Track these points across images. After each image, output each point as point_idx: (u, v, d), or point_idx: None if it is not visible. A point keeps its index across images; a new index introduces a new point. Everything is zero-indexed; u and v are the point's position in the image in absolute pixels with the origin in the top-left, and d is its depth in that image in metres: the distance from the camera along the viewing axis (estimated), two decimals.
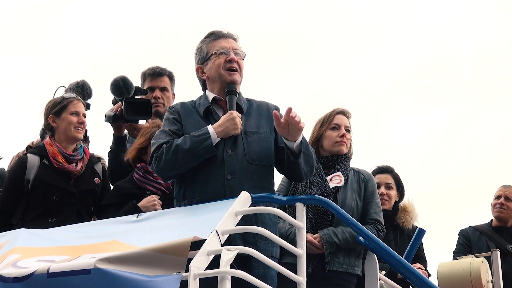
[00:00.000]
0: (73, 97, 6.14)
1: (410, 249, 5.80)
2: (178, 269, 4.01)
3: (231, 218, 4.49)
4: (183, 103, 5.35)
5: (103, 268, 3.96)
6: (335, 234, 5.73)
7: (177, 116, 5.26)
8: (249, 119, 5.20)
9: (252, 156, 5.06)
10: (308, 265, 5.60)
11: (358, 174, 6.07)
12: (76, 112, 6.06)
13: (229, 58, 5.21)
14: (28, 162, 5.97)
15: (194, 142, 4.98)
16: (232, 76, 5.21)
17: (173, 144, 5.03)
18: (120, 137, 6.61)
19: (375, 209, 5.97)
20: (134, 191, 5.96)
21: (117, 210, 5.81)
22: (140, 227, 4.82)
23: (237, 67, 5.23)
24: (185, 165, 5.03)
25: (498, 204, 8.13)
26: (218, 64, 5.23)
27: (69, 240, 4.77)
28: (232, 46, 5.27)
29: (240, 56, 5.27)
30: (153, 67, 7.03)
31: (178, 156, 4.99)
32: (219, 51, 5.24)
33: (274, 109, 5.28)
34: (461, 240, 8.04)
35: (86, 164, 6.08)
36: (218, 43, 5.28)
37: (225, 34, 5.32)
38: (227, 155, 5.03)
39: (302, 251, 4.63)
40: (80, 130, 6.05)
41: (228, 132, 5.00)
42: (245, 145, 5.08)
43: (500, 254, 7.20)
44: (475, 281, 6.44)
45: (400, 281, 6.21)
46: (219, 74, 5.23)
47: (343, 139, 6.07)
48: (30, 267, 4.16)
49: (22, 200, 5.92)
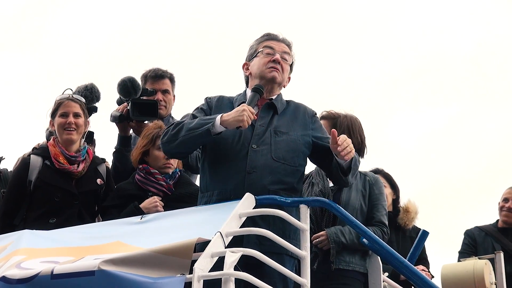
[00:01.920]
0: (64, 97, 6.10)
1: (414, 251, 5.79)
2: (182, 271, 4.01)
3: (235, 220, 4.49)
4: (221, 96, 5.36)
5: (107, 269, 3.96)
6: (342, 234, 5.72)
7: (207, 108, 5.28)
8: (281, 119, 5.21)
9: (278, 155, 5.06)
10: (314, 262, 5.62)
11: (365, 177, 6.06)
12: (64, 113, 6.02)
13: (274, 58, 5.23)
14: (30, 163, 5.98)
15: (198, 123, 5.00)
16: (273, 73, 5.23)
17: (182, 122, 5.09)
18: (125, 137, 6.62)
19: (381, 211, 5.96)
20: (135, 192, 5.95)
21: (119, 211, 5.81)
22: (144, 228, 4.81)
23: (280, 68, 5.24)
24: (184, 144, 5.04)
25: (506, 208, 8.04)
26: (263, 62, 5.25)
27: (73, 241, 4.77)
28: (282, 49, 5.30)
29: (286, 61, 5.29)
30: (155, 69, 7.02)
31: (180, 133, 5.02)
32: (266, 50, 5.27)
33: (311, 114, 5.32)
34: (466, 240, 7.99)
35: (88, 165, 6.05)
36: (269, 43, 5.32)
37: (278, 38, 5.36)
38: (252, 150, 5.04)
39: (306, 253, 4.64)
40: (69, 131, 6.00)
41: (232, 123, 4.94)
42: (273, 143, 5.08)
43: (504, 256, 7.18)
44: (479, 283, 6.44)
45: (403, 282, 6.21)
46: (260, 71, 5.25)
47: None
48: (34, 269, 4.16)
49: (24, 201, 5.92)
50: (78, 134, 6.04)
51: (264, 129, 5.10)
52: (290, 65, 5.35)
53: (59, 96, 6.17)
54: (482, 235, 7.94)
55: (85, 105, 6.19)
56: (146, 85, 6.90)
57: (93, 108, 6.47)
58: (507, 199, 8.10)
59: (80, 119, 6.05)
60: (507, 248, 7.56)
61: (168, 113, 6.93)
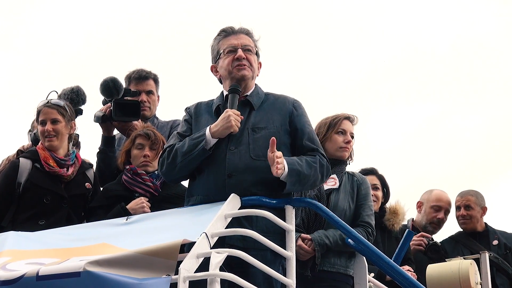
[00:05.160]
0: (42, 105, 6.09)
1: (399, 251, 5.81)
2: (168, 271, 4.02)
3: (220, 221, 4.50)
4: (198, 103, 5.35)
5: (93, 270, 3.97)
6: (326, 237, 5.73)
7: (188, 117, 5.28)
8: (259, 114, 5.16)
9: (258, 153, 5.00)
10: (306, 269, 5.63)
11: (352, 177, 6.08)
12: (43, 121, 6.03)
13: (237, 56, 5.20)
14: (20, 165, 5.98)
15: (190, 145, 4.99)
16: (241, 71, 5.19)
17: (173, 147, 5.06)
18: (109, 138, 6.60)
19: (367, 212, 5.97)
20: (122, 193, 5.97)
21: (105, 212, 5.82)
22: (130, 229, 4.82)
23: (247, 63, 5.21)
24: (185, 168, 5.04)
25: (461, 216, 7.89)
26: (228, 62, 5.21)
27: (59, 243, 4.77)
28: (242, 42, 5.24)
29: (250, 51, 5.25)
30: (138, 70, 7.01)
31: (177, 160, 5.02)
32: (227, 50, 5.23)
33: (292, 102, 5.24)
34: None
35: (77, 170, 6.08)
36: (227, 40, 5.27)
37: (235, 30, 5.30)
38: (230, 153, 5.00)
39: (291, 254, 4.65)
40: (49, 138, 5.99)
41: (223, 132, 4.97)
42: (251, 142, 5.04)
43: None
44: (464, 283, 6.45)
45: (389, 283, 6.22)
46: (228, 72, 5.21)
47: (348, 145, 6.09)
48: (19, 270, 4.15)
49: (13, 203, 5.91)
50: (59, 140, 6.02)
51: (241, 129, 5.04)
52: (257, 52, 5.30)
53: (40, 101, 6.17)
54: (452, 244, 7.83)
55: (66, 108, 6.12)
56: (130, 86, 6.88)
57: (78, 111, 6.43)
58: (459, 207, 7.94)
59: (59, 125, 6.02)
60: (475, 252, 7.43)
61: (152, 114, 6.93)
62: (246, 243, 4.69)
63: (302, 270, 5.54)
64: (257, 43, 5.33)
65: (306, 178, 4.97)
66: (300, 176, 4.93)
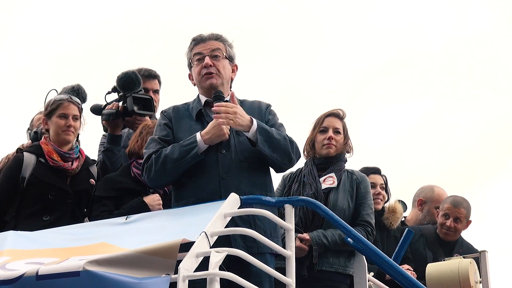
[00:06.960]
0: (64, 99, 6.11)
1: (399, 250, 5.81)
2: (167, 271, 4.02)
3: (220, 220, 4.50)
4: (176, 106, 5.40)
5: (92, 270, 3.96)
6: (324, 236, 5.74)
7: (168, 121, 5.31)
8: None
9: (245, 154, 5.11)
10: (302, 269, 5.63)
11: (352, 175, 6.09)
12: (64, 115, 6.04)
13: (204, 64, 5.25)
14: (24, 160, 5.98)
15: (182, 151, 5.04)
16: (208, 81, 5.26)
17: (161, 154, 5.09)
18: (116, 136, 6.57)
19: (367, 210, 5.98)
20: (133, 186, 5.90)
21: (113, 203, 5.79)
22: (129, 229, 4.82)
23: (214, 70, 5.25)
24: (174, 174, 5.10)
25: (446, 227, 7.33)
26: (197, 71, 5.30)
27: (58, 242, 4.77)
28: (209, 48, 5.30)
29: (218, 57, 5.28)
30: (147, 68, 7.02)
31: (167, 167, 5.06)
32: (195, 58, 5.31)
33: (266, 107, 5.36)
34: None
35: (82, 164, 6.08)
36: (196, 49, 5.34)
37: (204, 38, 5.35)
38: (221, 155, 5.09)
39: (291, 253, 4.64)
40: (69, 133, 6.02)
41: (215, 139, 5.06)
42: (237, 145, 5.13)
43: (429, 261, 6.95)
44: (464, 282, 6.45)
45: (388, 282, 6.22)
46: (198, 82, 5.32)
47: (331, 141, 6.10)
48: (19, 270, 4.15)
49: (16, 198, 5.90)
50: (74, 137, 6.09)
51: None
52: (229, 56, 5.34)
53: (57, 96, 6.18)
54: (421, 242, 7.34)
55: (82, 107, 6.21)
56: None
57: None
58: (447, 215, 7.37)
59: (77, 122, 6.10)
60: (437, 258, 7.14)
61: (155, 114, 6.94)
62: (249, 249, 4.73)
63: (299, 269, 5.55)
64: (230, 47, 5.38)
65: (276, 141, 5.05)
66: (269, 135, 5.04)
